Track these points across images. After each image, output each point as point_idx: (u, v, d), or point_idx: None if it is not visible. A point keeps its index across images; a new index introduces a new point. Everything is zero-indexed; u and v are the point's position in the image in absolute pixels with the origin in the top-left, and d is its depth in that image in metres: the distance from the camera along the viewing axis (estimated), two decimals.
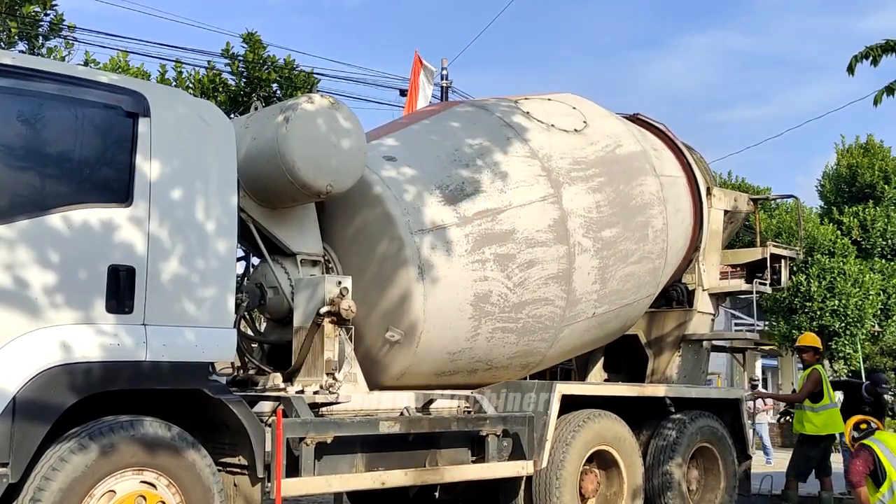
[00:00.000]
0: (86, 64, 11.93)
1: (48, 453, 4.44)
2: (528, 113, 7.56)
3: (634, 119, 8.98)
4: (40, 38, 12.26)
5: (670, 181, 8.30)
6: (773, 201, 22.52)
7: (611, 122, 8.16)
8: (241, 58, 13.28)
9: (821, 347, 9.24)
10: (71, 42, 12.60)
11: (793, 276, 19.42)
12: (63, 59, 12.11)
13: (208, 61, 13.31)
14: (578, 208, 7.22)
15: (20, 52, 11.38)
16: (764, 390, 21.92)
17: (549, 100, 8.02)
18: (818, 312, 20.30)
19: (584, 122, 7.82)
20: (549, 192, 7.07)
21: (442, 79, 17.78)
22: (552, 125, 7.53)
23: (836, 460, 9.92)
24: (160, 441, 4.74)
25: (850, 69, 6.09)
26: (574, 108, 7.98)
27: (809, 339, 9.26)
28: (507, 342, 6.90)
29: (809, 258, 20.35)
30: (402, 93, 17.15)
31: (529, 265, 6.82)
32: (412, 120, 7.80)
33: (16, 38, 11.89)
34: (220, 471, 5.11)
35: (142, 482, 4.67)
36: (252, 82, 13.11)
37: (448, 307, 6.40)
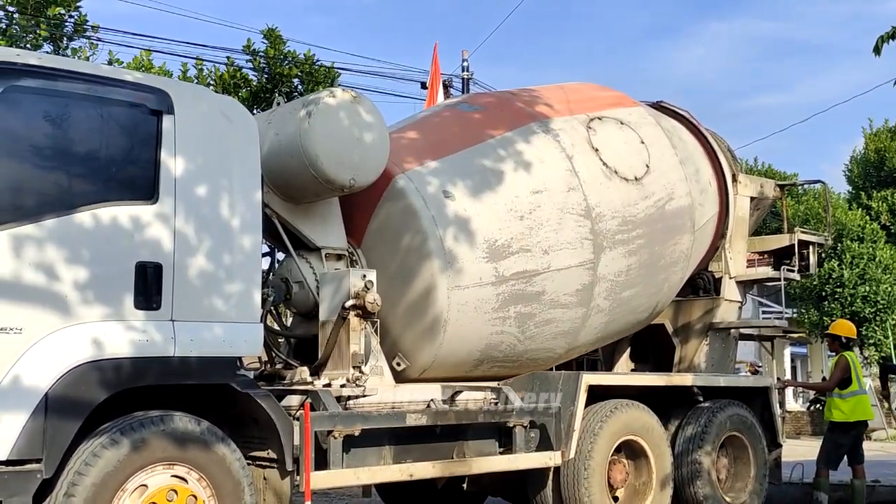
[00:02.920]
0: (110, 63, 12.04)
1: (81, 449, 4.50)
2: (597, 150, 7.29)
3: (658, 106, 8.90)
4: (65, 38, 12.41)
5: (703, 229, 8.25)
6: (800, 187, 22.26)
7: (672, 167, 7.88)
8: (261, 54, 13.35)
9: (853, 336, 9.05)
10: (95, 42, 12.74)
11: (824, 263, 19.22)
12: (87, 59, 12.24)
13: (228, 57, 13.40)
14: (610, 273, 7.21)
15: (46, 52, 11.50)
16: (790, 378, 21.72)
17: (623, 124, 7.70)
18: (849, 299, 20.08)
19: (647, 165, 7.60)
20: (590, 257, 7.03)
21: (463, 70, 17.75)
22: (615, 172, 7.30)
23: (869, 448, 9.82)
24: (190, 436, 4.78)
25: (877, 50, 5.98)
26: (643, 141, 7.70)
27: (838, 327, 9.12)
28: (501, 373, 7.03)
29: (839, 244, 20.13)
30: (424, 86, 17.14)
31: (545, 323, 6.91)
32: (438, 116, 7.49)
33: (42, 39, 12.04)
34: (249, 464, 5.16)
35: (173, 476, 4.72)
36: (273, 78, 13.18)
37: (458, 351, 6.54)
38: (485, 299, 6.48)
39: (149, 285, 4.76)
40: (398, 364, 6.32)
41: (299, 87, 13.45)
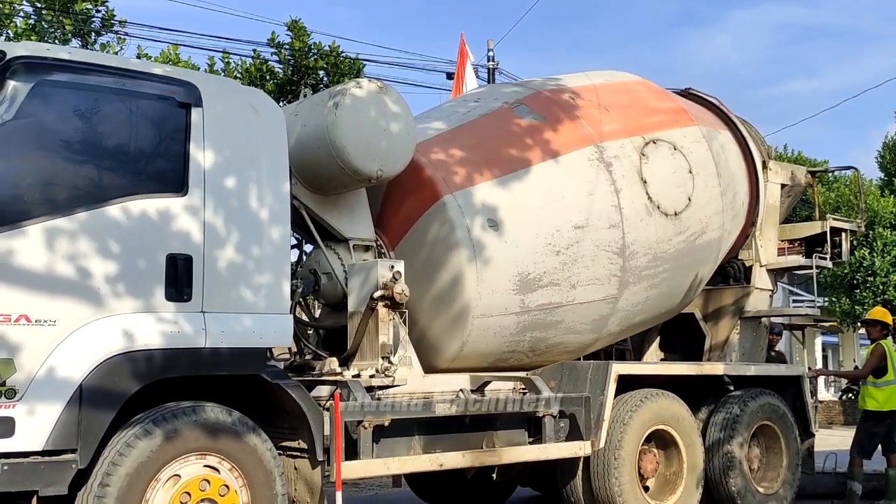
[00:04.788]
0: (138, 58, 12.13)
1: (115, 439, 4.54)
2: (645, 182, 7.18)
3: (686, 94, 8.81)
4: (92, 34, 12.52)
5: (724, 252, 8.27)
6: (831, 174, 21.97)
7: (712, 199, 7.78)
8: (286, 46, 13.38)
9: (890, 323, 8.96)
10: (122, 37, 12.84)
11: (855, 251, 18.94)
12: (116, 53, 12.34)
13: (254, 50, 13.45)
14: (628, 305, 7.27)
15: (74, 48, 11.61)
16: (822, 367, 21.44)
17: (675, 149, 7.52)
18: (881, 287, 19.80)
19: (689, 198, 7.51)
20: (613, 293, 7.06)
21: (488, 60, 17.68)
22: (657, 207, 7.23)
23: None
24: (222, 426, 4.81)
25: None
26: (691, 171, 7.57)
27: (878, 313, 9.02)
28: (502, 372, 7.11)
29: (871, 232, 19.84)
30: (449, 76, 17.11)
31: (556, 346, 7.00)
32: (496, 120, 7.07)
33: (70, 35, 12.16)
34: (280, 454, 5.18)
35: (205, 466, 4.75)
36: (299, 70, 13.20)
37: (474, 355, 6.60)
38: (505, 326, 6.54)
39: (179, 277, 4.79)
40: None
41: (325, 78, 13.48)
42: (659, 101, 7.99)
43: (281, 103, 11.45)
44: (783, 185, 9.02)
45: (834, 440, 10.45)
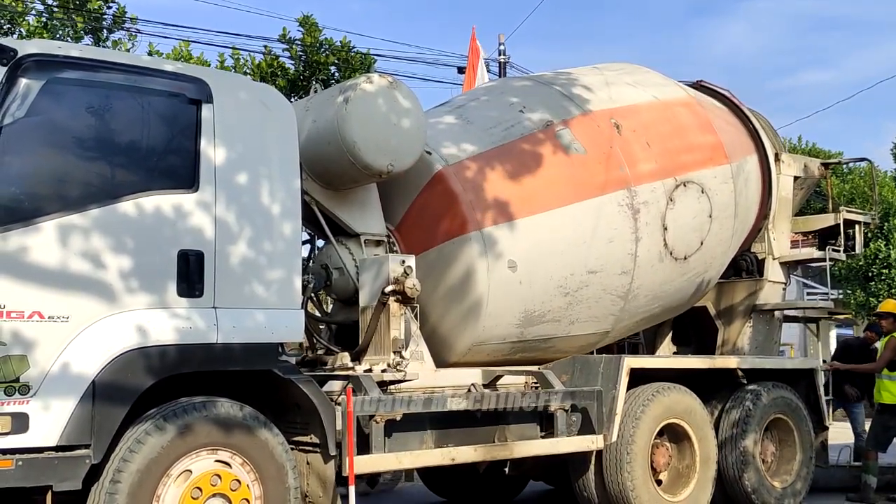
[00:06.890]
0: (150, 55, 12.18)
1: (126, 435, 4.56)
2: (666, 228, 7.17)
3: (697, 86, 8.76)
4: (104, 31, 12.58)
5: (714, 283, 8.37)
6: (845, 165, 21.80)
7: (722, 241, 7.79)
8: (298, 42, 13.40)
9: None
10: (134, 34, 12.90)
11: (870, 243, 18.83)
12: (128, 51, 12.39)
13: (265, 46, 13.47)
14: (616, 334, 7.51)
15: (86, 45, 11.66)
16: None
17: (702, 192, 7.47)
18: None
19: (702, 242, 7.51)
20: (607, 329, 7.22)
21: (499, 54, 17.63)
22: (671, 252, 7.25)
23: None
24: (233, 421, 4.83)
25: None
26: (710, 215, 7.52)
27: (891, 305, 8.97)
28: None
29: (886, 223, 19.70)
30: (461, 70, 17.07)
31: (542, 361, 7.07)
32: (537, 144, 6.80)
33: (81, 32, 12.22)
34: (292, 449, 5.20)
35: (217, 461, 4.77)
36: (310, 66, 13.22)
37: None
38: (499, 349, 6.64)
39: (191, 273, 4.81)
40: None
41: (336, 74, 13.49)
42: (700, 134, 7.77)
43: (292, 99, 11.47)
44: (796, 178, 8.96)
45: (848, 433, 10.38)
